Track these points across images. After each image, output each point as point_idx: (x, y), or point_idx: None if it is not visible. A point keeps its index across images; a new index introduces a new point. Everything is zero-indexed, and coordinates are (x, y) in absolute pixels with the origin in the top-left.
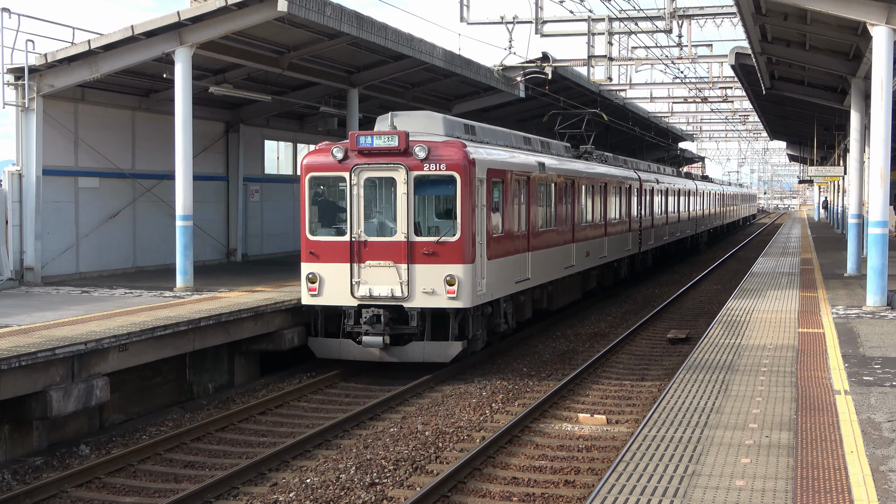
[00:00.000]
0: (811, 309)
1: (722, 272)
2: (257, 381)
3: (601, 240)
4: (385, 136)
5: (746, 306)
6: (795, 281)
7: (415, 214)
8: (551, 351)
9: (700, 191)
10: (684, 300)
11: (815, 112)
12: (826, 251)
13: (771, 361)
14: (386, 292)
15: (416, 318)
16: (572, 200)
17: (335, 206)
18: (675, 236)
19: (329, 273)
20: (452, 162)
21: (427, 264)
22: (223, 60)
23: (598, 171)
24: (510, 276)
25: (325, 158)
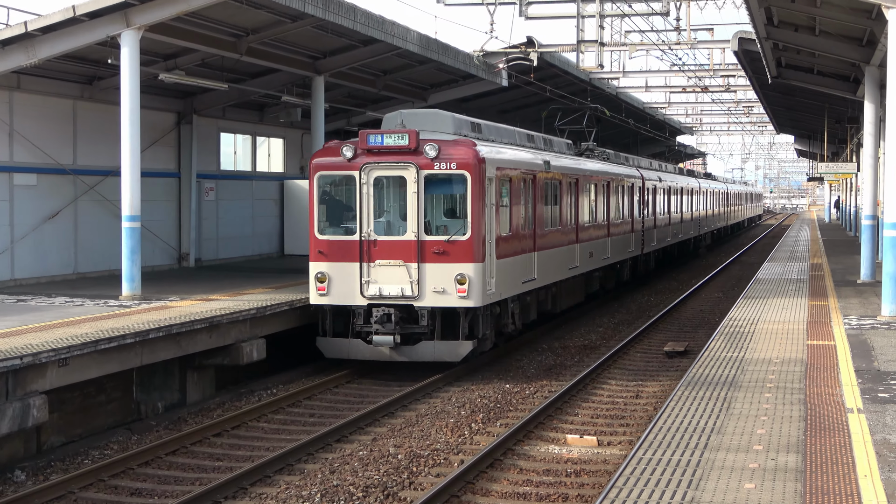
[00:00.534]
0: (821, 319)
1: (724, 278)
2: (212, 399)
3: (604, 240)
4: (395, 135)
5: (751, 316)
6: (804, 288)
7: (425, 213)
8: (536, 365)
9: (703, 189)
10: (682, 309)
11: (825, 103)
12: (837, 255)
13: (777, 377)
14: (396, 291)
15: (427, 317)
16: (576, 200)
17: (344, 205)
18: (677, 238)
19: (338, 272)
20: (463, 161)
21: (437, 263)
22: (174, 44)
23: (602, 169)
24: (518, 277)
25: (334, 157)
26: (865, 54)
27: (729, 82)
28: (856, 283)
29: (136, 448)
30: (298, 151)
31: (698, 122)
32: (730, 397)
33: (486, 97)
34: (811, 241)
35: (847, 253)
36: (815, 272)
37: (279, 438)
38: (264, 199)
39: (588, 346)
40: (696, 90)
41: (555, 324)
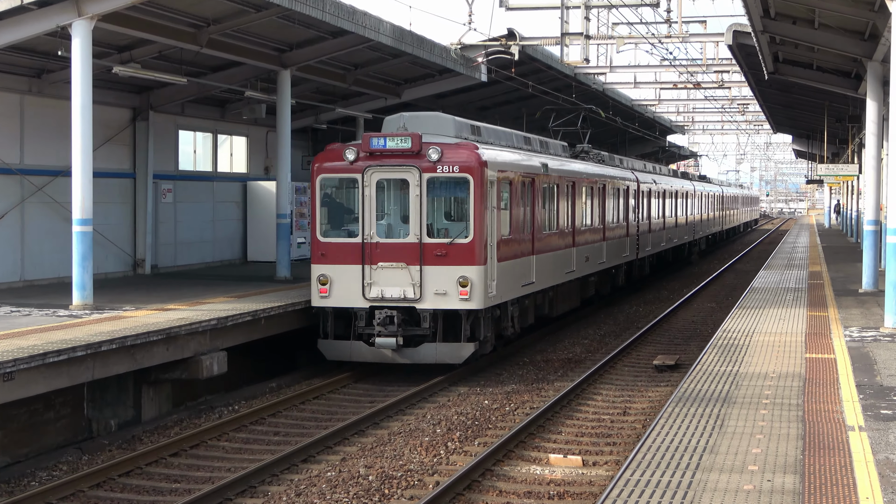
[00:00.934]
0: (821, 331)
1: (717, 288)
2: (169, 416)
3: (600, 245)
4: (398, 138)
5: (745, 327)
6: (802, 298)
7: (427, 216)
8: (517, 380)
9: (698, 192)
10: (673, 320)
11: (825, 101)
12: (838, 263)
13: (774, 392)
14: (398, 294)
15: (429, 319)
16: (573, 203)
17: (346, 207)
18: (672, 242)
19: (340, 275)
20: (466, 164)
21: (439, 266)
22: (130, 35)
23: (598, 172)
24: (517, 280)
25: (337, 159)
26: (868, 49)
27: (723, 78)
28: (857, 292)
29: (87, 469)
30: (263, 150)
31: (690, 120)
32: (723, 414)
33: (464, 93)
34: (810, 248)
35: (848, 260)
36: (813, 281)
37: (241, 458)
38: (226, 201)
39: (572, 359)
40: (688, 87)
41: (537, 336)
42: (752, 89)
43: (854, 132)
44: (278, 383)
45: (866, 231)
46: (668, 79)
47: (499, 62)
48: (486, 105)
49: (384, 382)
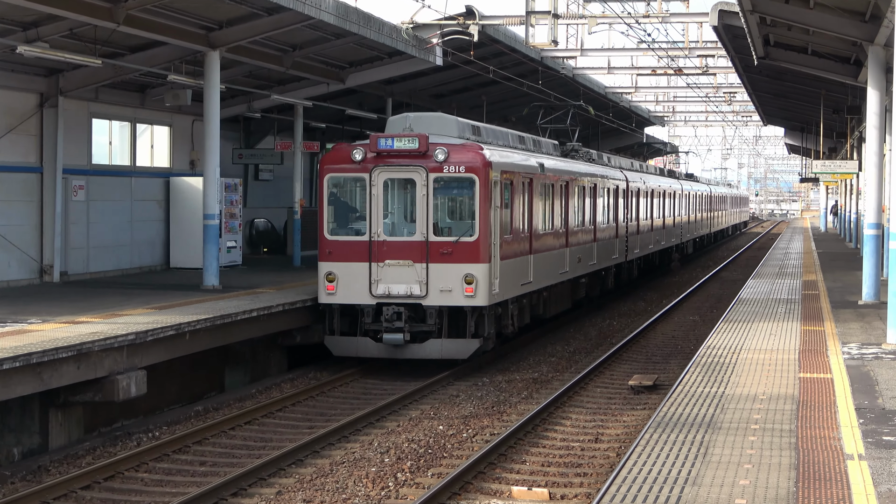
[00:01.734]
0: (816, 347)
1: (700, 299)
2: (80, 443)
3: (591, 246)
4: (406, 139)
5: (732, 343)
6: (796, 310)
7: (434, 215)
8: (476, 403)
9: (685, 192)
10: (651, 335)
11: (821, 89)
12: (835, 271)
13: (764, 417)
14: (404, 291)
15: (434, 315)
16: (566, 203)
17: (354, 206)
18: (659, 245)
19: (346, 272)
20: (471, 164)
21: (445, 263)
22: (36, 10)
23: (589, 171)
24: (517, 279)
25: (344, 159)
26: (869, 32)
27: (707, 64)
28: (857, 304)
29: None
30: (188, 142)
31: (670, 110)
32: (707, 441)
33: (417, 78)
34: (804, 254)
35: (846, 268)
36: (808, 291)
37: (162, 492)
38: (146, 199)
39: (538, 379)
40: (669, 73)
41: (500, 353)
42: (740, 76)
43: (853, 125)
44: (205, 406)
45: (867, 235)
46: (646, 64)
47: (456, 44)
48: (441, 92)
49: (326, 406)
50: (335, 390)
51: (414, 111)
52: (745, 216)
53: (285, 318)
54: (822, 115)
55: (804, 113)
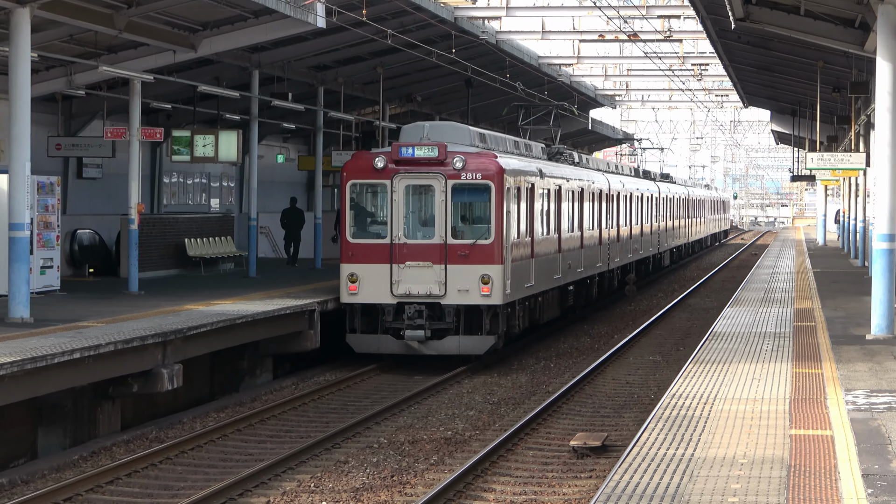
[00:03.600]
0: (812, 396)
1: (662, 333)
2: None
3: (579, 252)
4: (426, 148)
5: (704, 391)
6: (786, 348)
7: (452, 219)
8: (369, 470)
9: (663, 196)
10: (599, 381)
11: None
12: (836, 296)
13: (745, 487)
14: (424, 291)
15: (452, 314)
16: (558, 207)
17: (375, 211)
18: (637, 254)
19: (368, 273)
20: (488, 172)
21: (462, 265)
22: None
23: (577, 175)
24: (523, 281)
25: (366, 166)
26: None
27: (671, 28)
28: (864, 339)
29: None
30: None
31: (623, 87)
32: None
33: (293, 45)
34: (796, 274)
35: (850, 293)
36: (801, 322)
37: None
38: None
39: (453, 439)
40: (621, 39)
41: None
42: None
43: (859, 106)
44: (10, 479)
45: (877, 250)
46: (592, 27)
47: (343, 1)
48: (324, 63)
49: (171, 478)
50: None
51: (288, 86)
52: (724, 224)
53: (119, 360)
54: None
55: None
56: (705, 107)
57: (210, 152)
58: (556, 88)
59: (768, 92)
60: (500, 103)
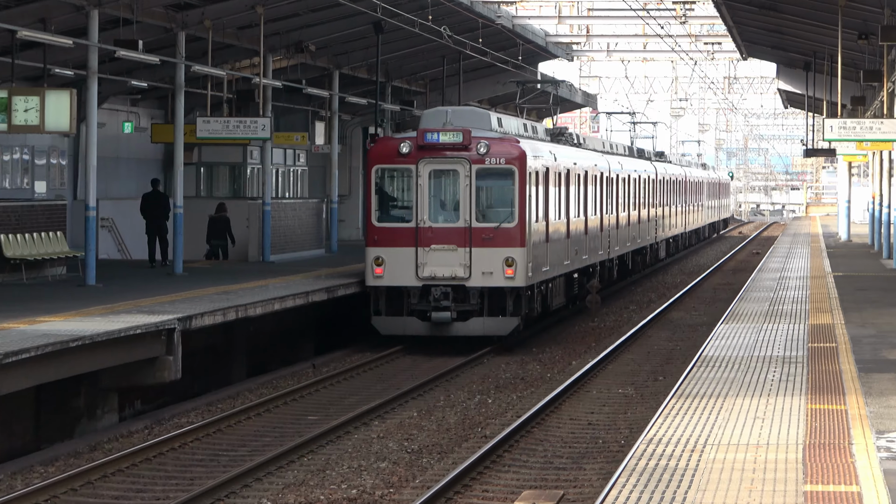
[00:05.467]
0: (832, 440)
1: (636, 358)
2: None
3: (584, 238)
4: (451, 133)
5: (690, 435)
6: (798, 377)
7: (476, 203)
8: None
9: (660, 178)
10: (552, 421)
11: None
12: (864, 309)
13: None
14: (449, 273)
15: (476, 295)
16: (567, 192)
17: (401, 195)
18: (636, 243)
19: (393, 256)
20: (511, 157)
21: (486, 248)
22: None
23: (583, 158)
24: (542, 265)
25: (392, 151)
26: None
27: None
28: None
29: None
30: None
31: (583, 33)
32: None
33: None
34: (812, 280)
35: (883, 303)
36: (818, 343)
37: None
38: None
39: (359, 500)
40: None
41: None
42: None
43: (894, 57)
44: None
45: None
46: None
47: None
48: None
49: None
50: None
51: (139, 31)
52: (724, 211)
53: None
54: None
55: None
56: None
57: (34, 119)
58: (494, 35)
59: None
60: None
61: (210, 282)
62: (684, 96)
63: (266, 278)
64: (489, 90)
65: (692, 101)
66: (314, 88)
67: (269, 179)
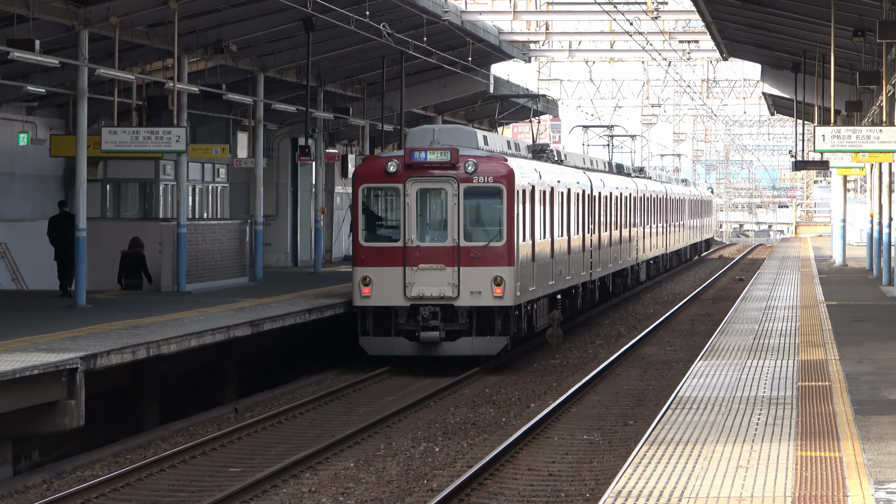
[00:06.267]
0: (825, 491)
1: (601, 400)
2: None
3: (567, 258)
4: (438, 152)
5: (664, 487)
6: (786, 420)
7: (464, 222)
8: None
9: (640, 194)
10: (506, 472)
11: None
12: (862, 342)
13: None
14: (437, 293)
15: (465, 315)
16: (551, 210)
17: (388, 214)
18: (617, 264)
19: (381, 276)
20: (499, 175)
21: (475, 267)
22: None
23: (565, 176)
24: (528, 284)
25: (378, 170)
26: None
27: None
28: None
29: None
30: None
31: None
32: None
33: None
34: (802, 310)
35: (883, 336)
36: (809, 381)
37: None
38: None
39: None
40: None
41: None
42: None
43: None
44: None
45: None
46: None
47: None
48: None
49: None
50: None
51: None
52: (706, 231)
53: None
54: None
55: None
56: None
57: None
58: (441, 33)
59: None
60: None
61: (118, 315)
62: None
63: (182, 311)
64: (435, 95)
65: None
66: (236, 94)
67: (184, 198)
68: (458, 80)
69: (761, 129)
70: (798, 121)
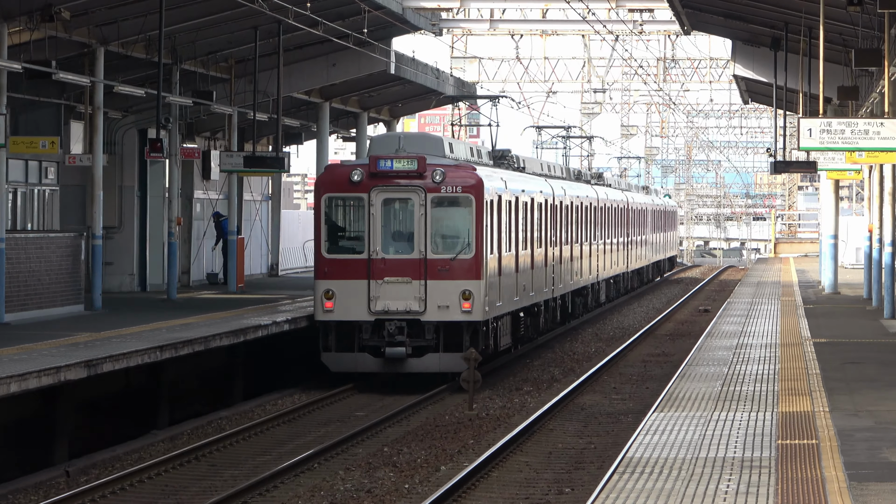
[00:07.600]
0: None
1: (530, 463)
2: None
3: (531, 273)
4: (405, 160)
5: None
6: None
7: (431, 234)
8: None
9: (602, 204)
10: None
11: None
12: (857, 389)
13: None
14: (403, 307)
15: (432, 330)
16: (516, 221)
17: (351, 225)
18: (578, 282)
19: (344, 289)
20: (468, 185)
21: (442, 280)
22: None
23: (528, 184)
24: (496, 297)
25: (342, 179)
26: None
27: None
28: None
29: None
30: None
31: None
32: None
33: None
34: (782, 349)
35: (884, 381)
36: (792, 440)
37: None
38: None
39: None
40: None
41: None
42: None
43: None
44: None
45: None
46: None
47: None
48: None
49: None
50: None
51: None
52: (671, 247)
53: None
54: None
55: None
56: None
57: None
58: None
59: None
60: (224, 25)
61: None
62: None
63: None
64: (322, 77)
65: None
66: (69, 74)
67: (2, 204)
68: (350, 58)
69: (732, 121)
70: (778, 111)
